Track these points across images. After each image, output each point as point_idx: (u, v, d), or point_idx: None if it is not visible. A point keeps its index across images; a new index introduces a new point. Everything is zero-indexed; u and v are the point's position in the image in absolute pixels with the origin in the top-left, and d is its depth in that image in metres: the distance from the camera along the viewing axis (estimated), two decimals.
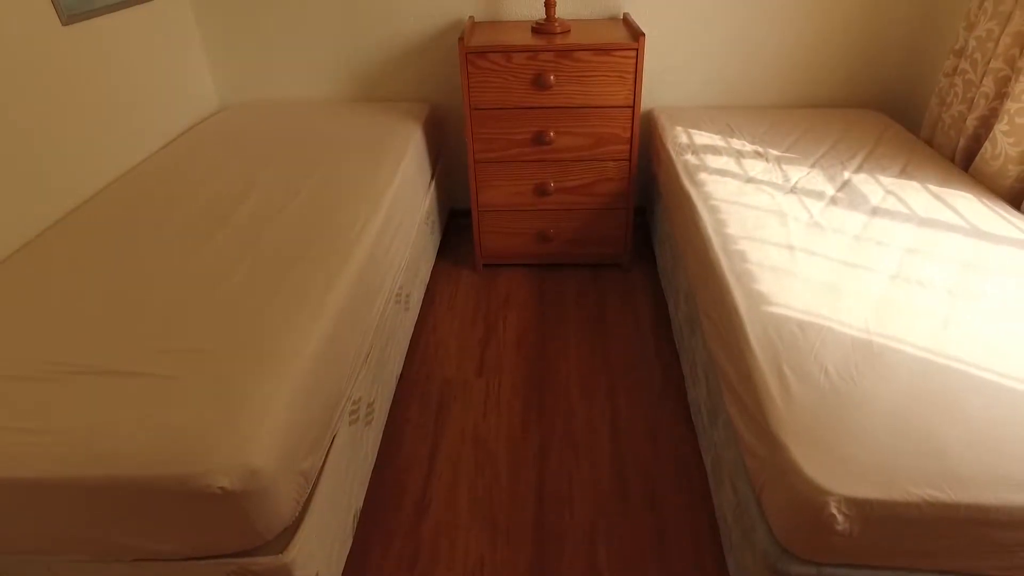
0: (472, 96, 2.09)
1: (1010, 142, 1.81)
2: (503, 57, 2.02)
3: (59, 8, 1.78)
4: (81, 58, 1.85)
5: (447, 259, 2.57)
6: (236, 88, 2.57)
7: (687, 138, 2.17)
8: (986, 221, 1.65)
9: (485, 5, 2.37)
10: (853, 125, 2.27)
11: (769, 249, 1.51)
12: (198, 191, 1.81)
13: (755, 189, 1.82)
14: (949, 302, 1.34)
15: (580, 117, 2.12)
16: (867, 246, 1.54)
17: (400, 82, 2.53)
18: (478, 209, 2.32)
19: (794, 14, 2.34)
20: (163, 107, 2.23)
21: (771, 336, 1.24)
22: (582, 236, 2.38)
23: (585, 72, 2.04)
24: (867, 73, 2.46)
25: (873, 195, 1.79)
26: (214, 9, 2.40)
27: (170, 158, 2.06)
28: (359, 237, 1.56)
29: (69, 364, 1.18)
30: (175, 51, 2.32)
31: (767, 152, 2.07)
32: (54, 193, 1.73)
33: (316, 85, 2.56)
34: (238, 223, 1.63)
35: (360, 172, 1.90)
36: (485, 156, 2.20)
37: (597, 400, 1.88)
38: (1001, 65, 1.86)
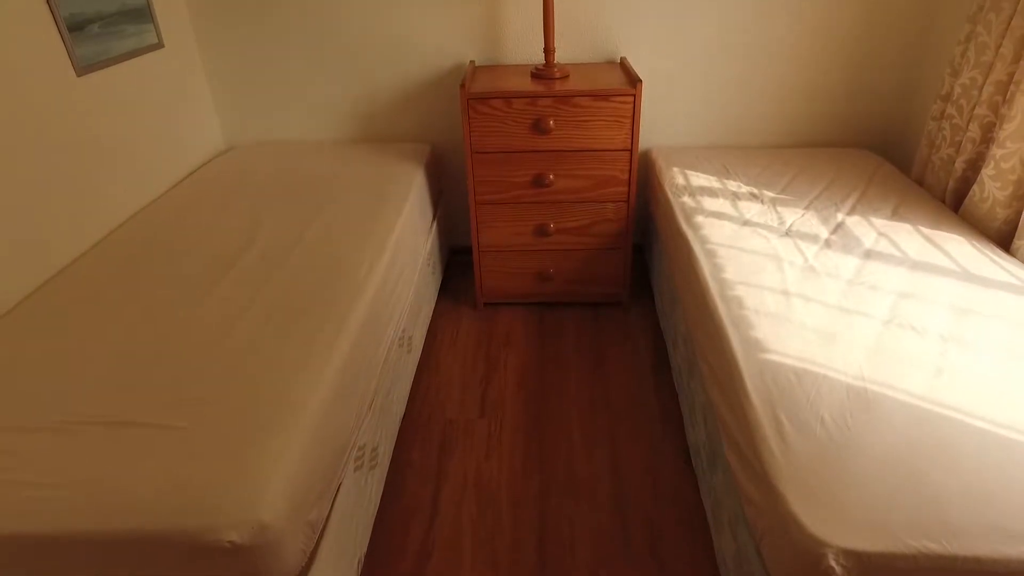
0: (473, 140, 2.14)
1: (997, 186, 1.86)
2: (504, 103, 2.07)
3: (74, 59, 1.83)
4: (93, 106, 1.91)
5: (448, 298, 2.60)
6: (242, 129, 2.63)
7: (684, 179, 2.22)
8: (977, 264, 1.68)
9: (486, 50, 2.44)
10: (846, 165, 2.32)
11: (765, 294, 1.55)
12: (205, 235, 1.84)
13: (751, 232, 1.86)
14: (942, 348, 1.37)
15: (579, 160, 2.17)
16: (861, 291, 1.58)
17: (403, 123, 2.59)
18: (479, 249, 2.36)
19: (786, 57, 2.41)
20: (170, 149, 2.28)
21: (768, 384, 1.26)
22: (582, 276, 2.41)
23: (584, 117, 2.09)
24: (858, 114, 2.52)
25: (866, 237, 1.83)
26: (220, 53, 2.47)
27: (176, 201, 2.10)
28: (364, 282, 1.60)
29: (78, 415, 1.20)
30: (183, 95, 2.38)
31: (762, 194, 2.11)
32: (61, 240, 1.76)
33: (320, 126, 2.61)
34: (245, 268, 1.65)
35: (364, 215, 1.94)
36: (486, 198, 2.25)
37: (598, 441, 1.90)
38: (985, 112, 1.92)
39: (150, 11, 2.18)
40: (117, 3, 2.02)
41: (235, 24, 2.41)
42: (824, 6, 2.31)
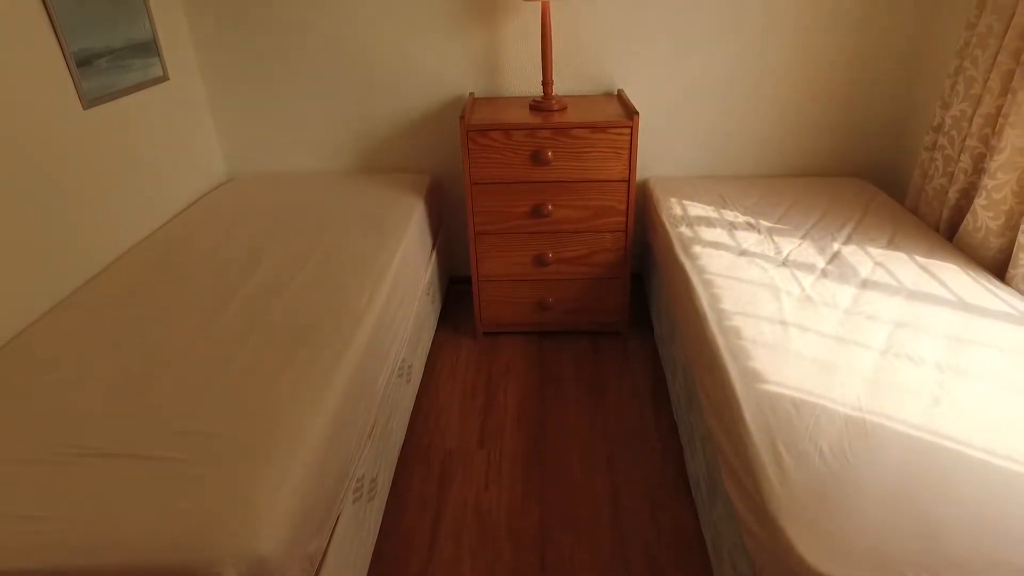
0: (473, 171, 2.17)
1: (989, 216, 1.88)
2: (503, 135, 2.11)
3: (81, 93, 1.87)
4: (98, 138, 1.94)
5: (447, 327, 2.61)
6: (244, 159, 2.66)
7: (681, 209, 2.24)
8: (972, 294, 1.70)
9: (485, 82, 2.49)
10: (841, 194, 2.35)
11: (763, 325, 1.56)
12: (205, 265, 1.86)
13: (748, 262, 1.87)
14: (939, 378, 1.38)
15: (577, 191, 2.20)
16: (858, 320, 1.59)
17: (403, 154, 2.63)
18: (478, 279, 2.38)
19: (781, 88, 2.46)
20: (173, 179, 2.31)
21: (766, 415, 1.27)
22: (581, 305, 2.43)
23: (582, 148, 2.13)
24: (852, 143, 2.56)
25: (862, 267, 1.85)
26: (223, 84, 2.52)
27: (178, 231, 2.12)
28: (364, 313, 1.61)
29: (75, 446, 1.20)
30: (187, 126, 2.42)
31: (759, 223, 2.14)
32: (63, 269, 1.78)
33: (321, 156, 2.65)
34: (245, 299, 1.67)
35: (364, 245, 1.96)
36: (485, 228, 2.27)
37: (597, 471, 1.89)
38: (976, 143, 1.95)
39: (156, 45, 2.22)
40: (125, 38, 2.06)
41: (238, 57, 2.46)
42: (818, 40, 2.36)
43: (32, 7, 1.70)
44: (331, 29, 2.40)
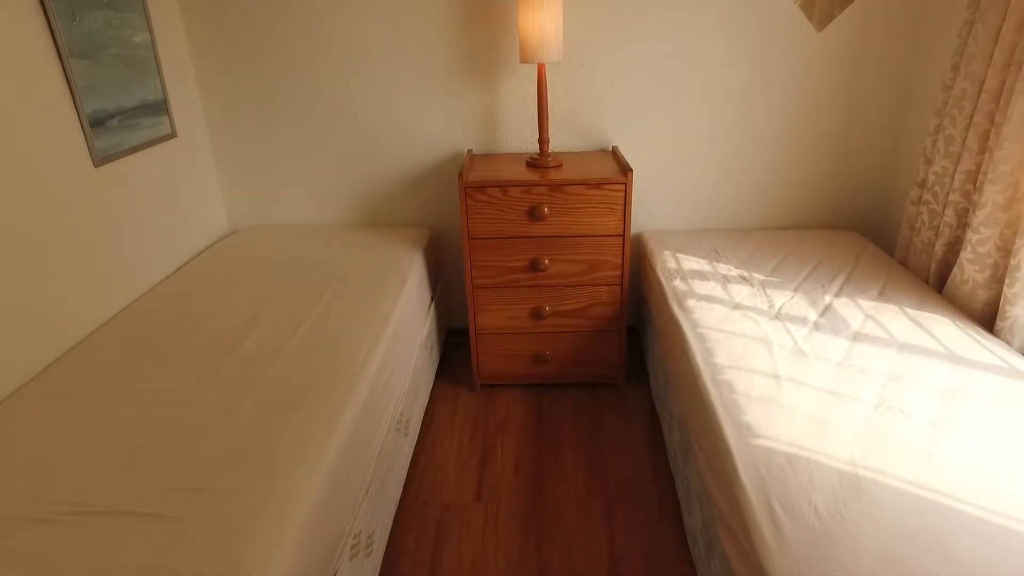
0: (471, 226, 2.22)
1: (976, 269, 1.92)
2: (500, 191, 2.17)
3: (93, 152, 1.93)
4: (107, 195, 1.99)
5: (445, 379, 2.62)
6: (246, 212, 2.73)
7: (675, 263, 2.29)
8: (962, 346, 1.72)
9: (483, 139, 2.57)
10: (832, 247, 2.40)
11: (756, 378, 1.58)
12: (206, 320, 1.88)
13: (741, 316, 1.91)
14: (932, 433, 1.39)
15: (573, 245, 2.25)
16: (850, 374, 1.61)
17: (402, 208, 2.69)
18: (476, 332, 2.41)
19: (771, 144, 2.54)
20: (176, 233, 2.36)
21: (761, 471, 1.28)
22: (577, 357, 2.45)
23: (577, 204, 2.19)
24: (842, 197, 2.63)
25: (853, 319, 1.88)
26: (228, 140, 2.59)
27: (180, 284, 2.16)
28: (363, 369, 1.63)
29: (73, 504, 1.20)
30: (192, 180, 2.48)
31: (752, 277, 2.18)
32: (65, 324, 1.80)
33: (322, 210, 2.71)
34: (245, 355, 1.69)
35: (364, 300, 1.99)
36: (483, 282, 2.31)
37: (595, 525, 1.88)
38: (959, 198, 2.00)
39: (166, 104, 2.30)
40: (137, 98, 2.14)
41: (244, 114, 2.55)
42: (804, 97, 2.46)
43: (53, 72, 1.78)
44: (333, 88, 2.49)
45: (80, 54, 1.87)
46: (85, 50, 1.90)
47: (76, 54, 1.86)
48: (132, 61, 2.11)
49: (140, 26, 2.16)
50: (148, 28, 2.20)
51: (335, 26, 2.40)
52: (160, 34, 2.26)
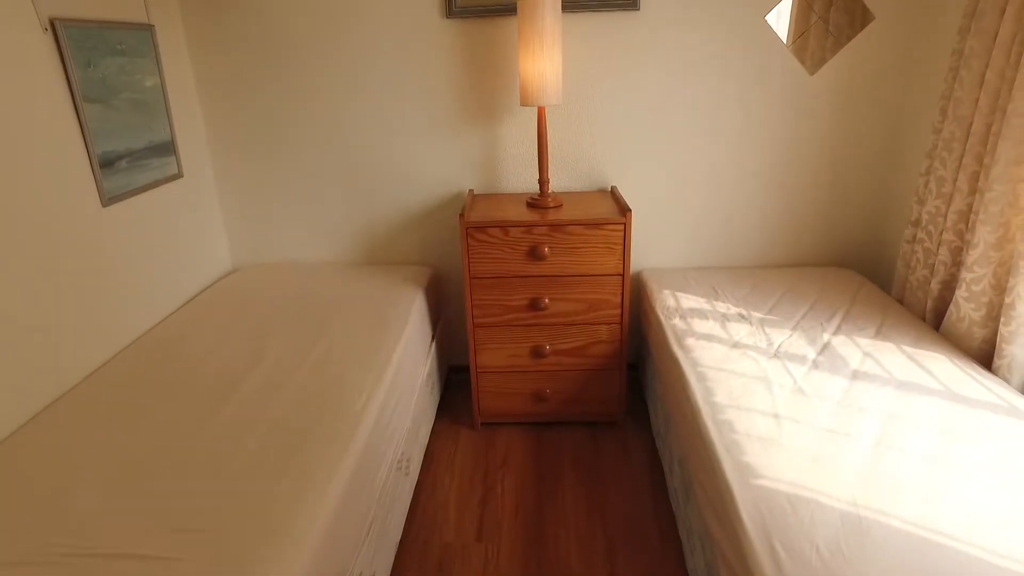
0: (472, 266, 2.25)
1: (971, 307, 1.94)
2: (501, 231, 2.21)
3: (101, 193, 1.97)
4: (113, 234, 2.03)
5: (446, 417, 2.62)
6: (249, 250, 2.76)
7: (674, 301, 2.31)
8: (961, 384, 1.73)
9: (484, 179, 2.62)
10: (829, 285, 2.42)
11: (756, 418, 1.59)
12: (208, 358, 1.90)
13: (741, 354, 1.92)
14: (932, 472, 1.39)
15: (573, 284, 2.27)
16: (849, 412, 1.62)
17: (404, 247, 2.73)
18: (476, 371, 2.42)
19: (767, 183, 2.58)
20: (180, 271, 2.39)
21: (762, 511, 1.28)
22: (577, 396, 2.45)
23: (577, 244, 2.22)
24: (838, 235, 2.67)
25: (852, 358, 1.89)
26: (233, 179, 2.65)
27: (182, 323, 2.17)
28: (365, 410, 1.63)
29: (73, 547, 1.20)
30: (196, 219, 2.52)
31: (750, 315, 2.20)
32: (69, 362, 1.81)
33: (324, 248, 2.75)
34: (246, 394, 1.69)
35: (366, 339, 2.01)
36: (483, 321, 2.33)
37: (596, 566, 1.86)
38: (952, 237, 2.04)
39: (173, 145, 2.35)
40: (145, 140, 2.19)
41: (248, 154, 2.60)
42: (798, 139, 2.52)
43: (67, 117, 1.84)
44: (337, 128, 2.55)
45: (93, 99, 1.93)
46: (99, 95, 1.96)
47: (90, 99, 1.91)
48: (142, 104, 2.17)
49: (151, 71, 2.23)
50: (159, 72, 2.26)
51: (339, 69, 2.47)
52: (170, 78, 2.33)
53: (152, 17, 2.23)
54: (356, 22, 2.41)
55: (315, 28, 2.42)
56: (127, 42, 2.09)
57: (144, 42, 2.19)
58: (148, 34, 2.21)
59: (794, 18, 2.38)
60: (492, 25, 2.40)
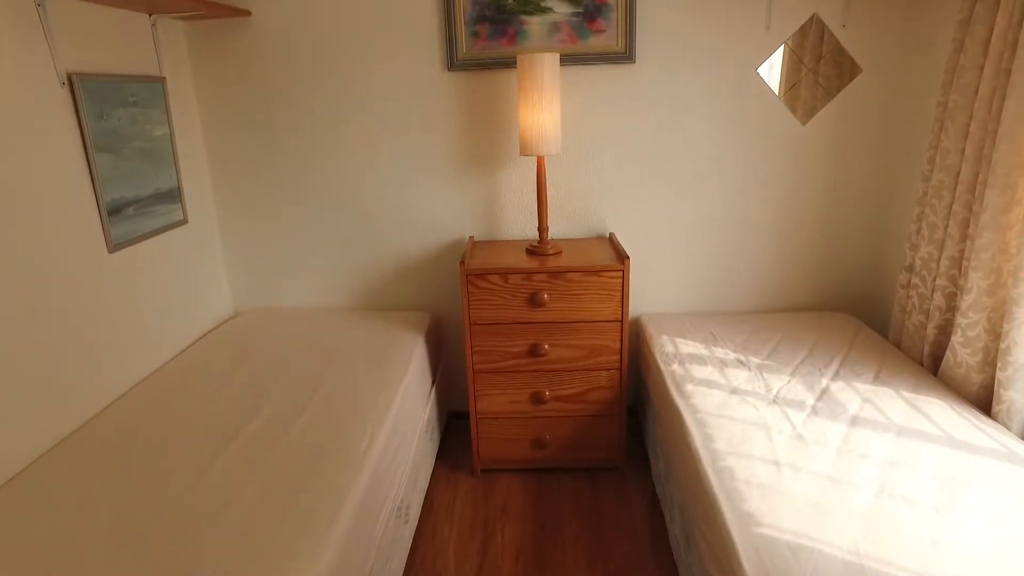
0: (472, 312, 2.27)
1: (968, 352, 1.95)
2: (501, 278, 2.24)
3: (108, 240, 2.00)
4: (118, 280, 2.05)
5: (446, 463, 2.60)
6: (250, 295, 2.79)
7: (673, 347, 2.32)
8: (961, 430, 1.73)
9: (484, 226, 2.66)
10: (827, 329, 2.44)
11: (756, 464, 1.58)
12: (208, 404, 1.90)
13: (739, 400, 1.92)
14: (935, 520, 1.38)
15: (572, 331, 2.29)
16: (850, 459, 1.61)
17: (404, 293, 2.75)
18: (476, 417, 2.41)
19: (762, 229, 2.63)
20: (182, 315, 2.41)
21: (764, 561, 1.27)
22: (577, 442, 2.44)
23: (576, 291, 2.25)
24: (834, 279, 2.70)
25: (851, 403, 1.89)
26: (237, 225, 2.69)
27: (184, 367, 2.18)
28: (365, 456, 1.63)
29: None
30: (200, 264, 2.56)
31: (748, 360, 2.21)
32: (67, 407, 1.81)
33: (325, 293, 2.77)
34: (247, 440, 1.69)
35: (366, 385, 2.01)
36: (483, 367, 2.34)
37: None
38: (946, 283, 2.06)
39: (180, 193, 2.40)
40: (153, 187, 2.23)
41: (252, 201, 2.66)
42: (791, 185, 2.57)
43: (78, 165, 1.89)
44: (339, 177, 2.61)
45: (104, 148, 1.98)
46: (110, 144, 2.01)
47: (101, 148, 1.96)
48: (151, 153, 2.22)
49: (161, 120, 2.29)
50: (168, 122, 2.32)
51: (342, 120, 2.54)
52: (179, 127, 2.39)
53: (164, 70, 2.31)
54: (360, 75, 2.49)
55: (320, 80, 2.50)
56: (139, 94, 2.16)
57: (155, 94, 2.26)
58: (160, 86, 2.28)
59: (785, 70, 2.46)
60: (492, 78, 2.48)
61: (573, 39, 2.42)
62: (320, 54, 2.47)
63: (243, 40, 2.47)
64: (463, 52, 2.44)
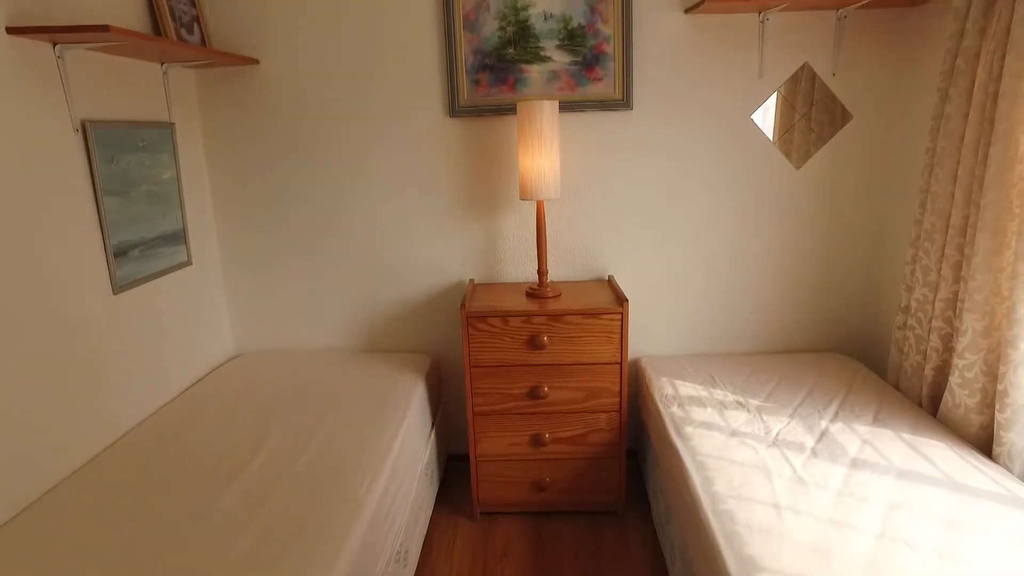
0: (472, 355, 2.29)
1: (966, 394, 1.96)
2: (501, 320, 2.26)
3: (113, 281, 2.02)
4: (122, 321, 2.07)
5: (445, 506, 2.57)
6: (252, 336, 2.80)
7: (672, 389, 2.33)
8: (961, 473, 1.72)
9: (484, 269, 2.70)
10: (825, 371, 2.44)
11: (756, 508, 1.58)
12: (209, 445, 1.90)
13: (739, 443, 1.92)
14: (939, 566, 1.37)
15: (572, 373, 2.30)
16: (850, 502, 1.61)
17: (405, 335, 2.77)
18: (476, 459, 2.40)
19: (758, 271, 2.66)
20: (184, 357, 2.42)
21: None
22: (577, 484, 2.43)
23: (576, 333, 2.26)
24: (832, 321, 2.71)
25: (851, 445, 1.89)
26: (240, 267, 2.72)
27: (184, 408, 2.18)
28: (365, 500, 1.62)
29: None
30: (202, 306, 2.58)
31: (748, 402, 2.21)
32: (65, 450, 1.81)
33: (326, 335, 2.79)
34: (246, 482, 1.69)
35: (366, 428, 2.01)
36: (483, 409, 2.34)
37: None
38: (941, 324, 2.08)
39: (185, 234, 2.44)
40: (159, 229, 2.27)
41: (255, 243, 2.69)
42: (787, 228, 2.61)
43: (87, 209, 1.92)
44: (342, 219, 2.66)
45: (113, 192, 2.02)
46: (118, 188, 2.05)
47: (109, 192, 2.00)
48: (158, 196, 2.27)
49: (168, 164, 2.34)
50: (176, 166, 2.37)
51: (345, 164, 2.60)
52: (185, 171, 2.45)
53: (173, 116, 2.38)
54: (363, 121, 2.56)
55: (324, 125, 2.57)
56: (148, 139, 2.21)
57: (164, 138, 2.31)
58: (169, 131, 2.34)
59: (778, 116, 2.53)
60: (493, 124, 2.55)
61: (572, 87, 2.49)
62: (325, 101, 2.55)
63: (251, 87, 2.54)
64: (465, 99, 2.51)
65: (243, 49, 2.49)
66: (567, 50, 2.46)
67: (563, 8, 2.43)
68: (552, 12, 2.43)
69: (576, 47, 2.46)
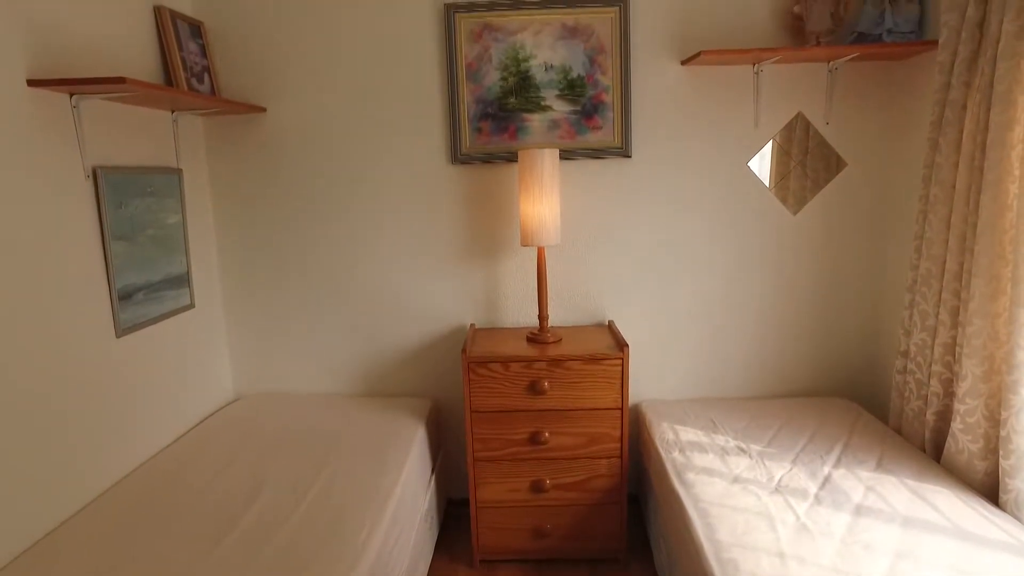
0: (473, 400, 2.28)
1: (968, 439, 1.94)
2: (502, 366, 2.26)
3: (117, 324, 2.03)
4: (124, 364, 2.07)
5: (444, 553, 2.52)
6: (252, 379, 2.79)
7: (673, 434, 2.31)
8: (968, 521, 1.70)
9: (485, 314, 2.71)
10: (827, 416, 2.43)
11: (761, 557, 1.55)
12: (208, 490, 1.88)
13: (741, 489, 1.90)
14: None
15: (573, 419, 2.30)
16: (855, 550, 1.58)
17: (405, 379, 2.76)
18: (476, 505, 2.37)
19: (758, 315, 2.68)
20: (184, 399, 2.42)
21: None
22: (578, 531, 2.39)
23: (576, 379, 2.27)
24: (832, 366, 2.72)
25: (854, 492, 1.87)
26: (241, 310, 2.74)
27: (184, 451, 2.17)
28: (364, 548, 1.60)
29: None
30: (204, 349, 2.58)
31: (749, 448, 2.19)
32: (68, 490, 1.80)
33: (326, 379, 2.78)
34: (246, 528, 1.67)
35: (367, 473, 1.99)
36: (484, 455, 2.33)
37: None
38: (941, 369, 2.08)
39: (188, 278, 2.46)
40: (163, 272, 2.29)
41: (258, 287, 2.72)
42: (785, 273, 2.64)
43: (94, 253, 1.95)
44: (343, 264, 2.69)
45: (120, 236, 2.05)
46: (125, 232, 2.08)
47: (117, 236, 2.03)
48: (163, 240, 2.29)
49: (175, 209, 2.37)
50: (182, 211, 2.41)
51: (348, 211, 2.64)
52: (191, 215, 2.49)
53: (181, 162, 2.43)
54: (367, 168, 2.61)
55: (328, 172, 2.62)
56: (156, 184, 2.25)
57: (172, 184, 2.36)
58: (176, 177, 2.38)
59: (774, 164, 2.59)
60: (494, 171, 2.60)
61: (572, 135, 2.56)
62: (329, 148, 2.60)
63: (258, 134, 2.61)
64: (467, 146, 2.57)
65: (251, 97, 2.56)
66: (567, 100, 2.54)
67: (563, 59, 2.51)
68: (553, 63, 2.51)
69: (576, 97, 2.53)
